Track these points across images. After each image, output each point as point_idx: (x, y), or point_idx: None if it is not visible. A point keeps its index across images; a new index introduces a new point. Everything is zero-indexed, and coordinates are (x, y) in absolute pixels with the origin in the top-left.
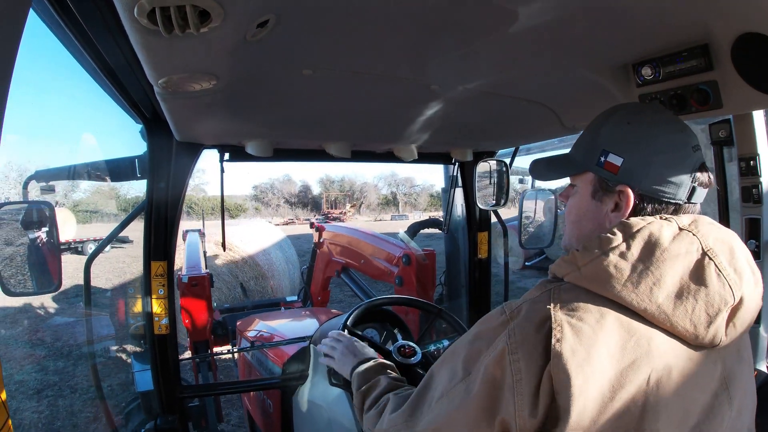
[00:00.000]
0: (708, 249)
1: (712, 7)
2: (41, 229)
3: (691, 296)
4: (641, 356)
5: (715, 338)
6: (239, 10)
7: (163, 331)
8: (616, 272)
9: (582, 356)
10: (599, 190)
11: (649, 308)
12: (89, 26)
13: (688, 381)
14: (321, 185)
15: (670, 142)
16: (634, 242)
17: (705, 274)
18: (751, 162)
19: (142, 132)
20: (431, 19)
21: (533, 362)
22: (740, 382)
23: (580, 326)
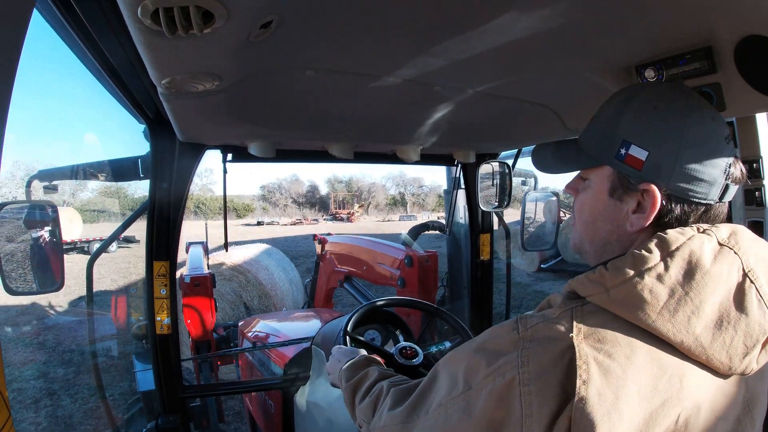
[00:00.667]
0: (749, 270)
1: (716, 9)
2: (44, 228)
3: (731, 327)
4: (672, 396)
5: (747, 369)
6: (242, 11)
7: (165, 331)
8: (652, 298)
9: (610, 401)
10: (619, 187)
11: (686, 341)
12: (93, 26)
13: (715, 413)
14: (329, 185)
15: (702, 133)
16: (674, 262)
17: (746, 301)
18: (754, 165)
19: (145, 132)
20: (435, 20)
21: (549, 399)
22: (761, 402)
23: (608, 364)
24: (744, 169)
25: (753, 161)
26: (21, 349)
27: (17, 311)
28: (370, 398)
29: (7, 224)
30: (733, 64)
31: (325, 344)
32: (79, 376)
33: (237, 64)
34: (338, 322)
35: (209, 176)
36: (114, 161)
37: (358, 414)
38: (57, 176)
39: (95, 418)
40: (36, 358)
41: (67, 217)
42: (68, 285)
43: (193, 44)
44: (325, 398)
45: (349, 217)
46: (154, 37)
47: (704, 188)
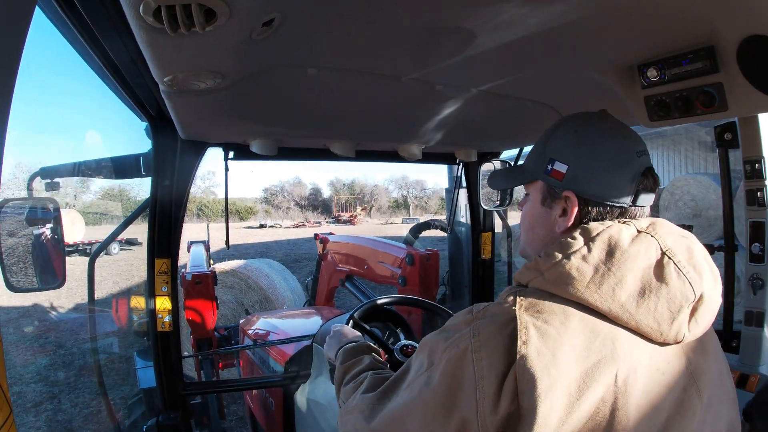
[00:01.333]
0: (666, 249)
1: (718, 9)
2: (46, 225)
3: (653, 294)
4: (606, 356)
5: (678, 334)
6: (245, 9)
7: (166, 328)
8: (579, 275)
9: (548, 358)
10: (548, 196)
11: (612, 308)
12: (95, 24)
13: (656, 378)
14: (331, 188)
15: (612, 149)
16: (595, 245)
17: (665, 273)
18: (756, 165)
19: (147, 130)
20: (437, 18)
21: (496, 362)
22: (708, 375)
23: (545, 328)
24: (657, 179)
25: (755, 161)
26: (22, 348)
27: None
28: (354, 384)
29: (8, 221)
30: (736, 63)
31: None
32: (80, 372)
33: (239, 61)
34: (340, 320)
35: (212, 178)
36: (116, 158)
37: (342, 395)
38: (59, 173)
39: (96, 415)
40: (37, 356)
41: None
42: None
43: (195, 42)
44: (325, 396)
45: (352, 220)
46: (156, 34)
47: (615, 193)
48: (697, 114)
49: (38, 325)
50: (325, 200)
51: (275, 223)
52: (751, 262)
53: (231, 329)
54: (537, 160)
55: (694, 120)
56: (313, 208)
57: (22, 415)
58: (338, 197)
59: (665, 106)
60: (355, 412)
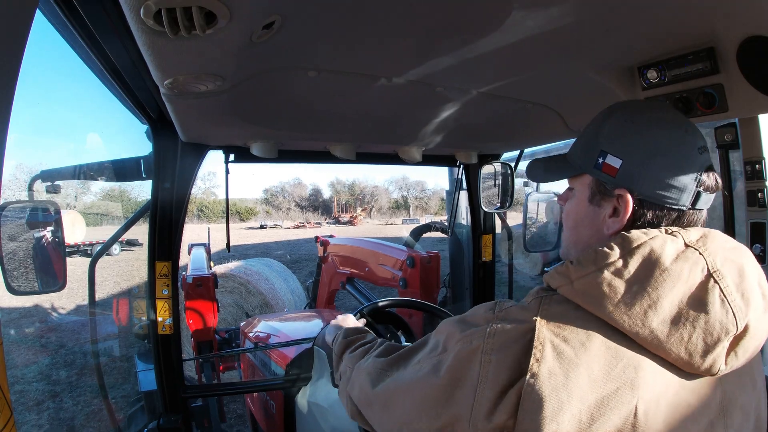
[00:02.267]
0: (714, 270)
1: (718, 10)
2: (46, 228)
3: (689, 323)
4: (626, 384)
5: (712, 367)
6: (245, 12)
7: (167, 331)
8: (610, 291)
9: (559, 380)
10: (597, 194)
11: (641, 332)
12: (95, 27)
13: (681, 411)
14: (331, 189)
15: (672, 143)
16: (632, 259)
17: (707, 299)
18: (757, 166)
19: (148, 133)
20: (437, 21)
21: (504, 370)
22: (739, 408)
23: (562, 347)
24: (719, 179)
25: (756, 162)
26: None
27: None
28: (363, 349)
29: (9, 224)
30: (736, 65)
31: (327, 345)
32: (81, 376)
33: (239, 64)
34: None
35: (212, 179)
36: (116, 161)
37: (344, 362)
38: (59, 176)
39: (97, 418)
40: (38, 358)
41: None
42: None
43: (196, 45)
44: (326, 399)
45: (352, 221)
46: (156, 37)
47: (675, 194)
48: (698, 115)
49: (39, 326)
50: (326, 201)
51: (275, 224)
52: None
53: (232, 332)
54: (586, 151)
55: (695, 121)
56: (314, 209)
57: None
58: (338, 198)
59: None
60: (364, 374)
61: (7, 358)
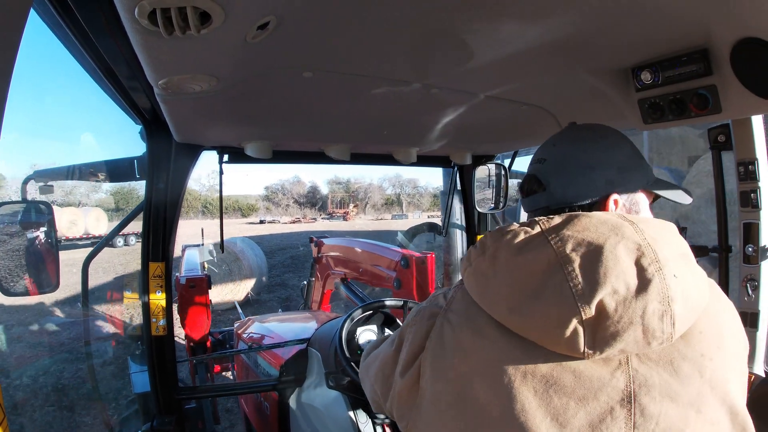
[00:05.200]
0: (563, 256)
1: (712, 11)
2: (39, 229)
3: (541, 301)
4: (497, 359)
5: (578, 349)
6: (240, 12)
7: (160, 333)
8: (475, 281)
9: (438, 352)
10: None
11: (499, 315)
12: (89, 27)
13: (552, 388)
14: (328, 186)
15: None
16: (488, 251)
17: (551, 283)
18: (750, 167)
19: (142, 133)
20: (432, 22)
21: (417, 341)
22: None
23: (448, 326)
24: (534, 183)
25: (748, 163)
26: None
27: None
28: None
29: (2, 225)
30: (729, 66)
31: (321, 346)
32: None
33: (234, 65)
34: (334, 324)
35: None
36: (110, 162)
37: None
38: (53, 176)
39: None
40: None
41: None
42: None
43: (190, 45)
44: (320, 400)
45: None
46: (150, 37)
47: None
48: (691, 116)
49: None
50: (323, 198)
51: (274, 219)
52: (745, 263)
53: (225, 333)
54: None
55: (688, 122)
56: (311, 205)
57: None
58: (333, 195)
59: (659, 109)
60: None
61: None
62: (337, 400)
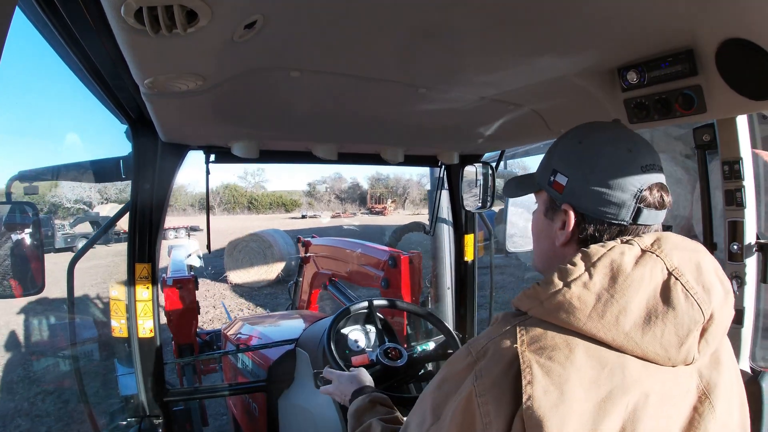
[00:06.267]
0: (673, 269)
1: (697, 12)
2: (24, 230)
3: (660, 320)
4: (617, 387)
5: (687, 357)
6: (227, 11)
7: (147, 334)
8: (580, 304)
9: (555, 396)
10: (549, 209)
11: (617, 338)
12: (75, 25)
13: (665, 402)
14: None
15: (613, 162)
16: (596, 271)
17: (672, 296)
18: (735, 166)
19: (127, 132)
20: (419, 21)
21: (503, 405)
22: (721, 388)
23: (549, 366)
24: (665, 196)
25: (733, 162)
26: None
27: None
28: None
29: None
30: (714, 66)
31: (309, 346)
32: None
33: (221, 64)
34: (322, 324)
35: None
36: (95, 162)
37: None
38: (38, 177)
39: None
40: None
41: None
42: None
43: (177, 44)
44: (309, 400)
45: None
46: (137, 36)
47: (613, 209)
48: (677, 116)
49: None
50: (363, 193)
51: (315, 214)
52: (730, 260)
53: (213, 334)
54: (544, 169)
55: (674, 122)
56: (352, 201)
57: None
58: (373, 191)
59: (645, 109)
60: None
61: None
62: (326, 400)
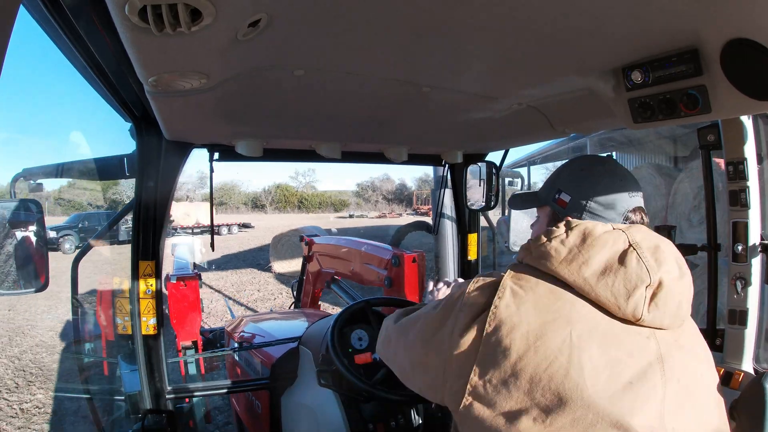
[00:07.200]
0: (633, 242)
1: (702, 12)
2: (28, 227)
3: (612, 274)
4: (563, 316)
5: (635, 311)
6: (231, 9)
7: (150, 332)
8: (555, 253)
9: (513, 309)
10: (552, 220)
11: (576, 281)
12: (79, 23)
13: (613, 344)
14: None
15: (608, 189)
16: (572, 232)
17: (626, 259)
18: (739, 166)
19: (132, 130)
20: (424, 20)
21: (477, 304)
22: (679, 369)
23: (517, 290)
24: (644, 217)
25: (738, 162)
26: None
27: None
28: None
29: None
30: (719, 66)
31: (312, 344)
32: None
33: (225, 62)
34: (325, 322)
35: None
36: (100, 159)
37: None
38: (42, 174)
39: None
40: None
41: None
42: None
43: (181, 42)
44: (312, 399)
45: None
46: (141, 34)
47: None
48: (681, 116)
49: None
50: (410, 194)
51: (362, 214)
52: (734, 261)
53: (217, 331)
54: (549, 189)
55: (678, 122)
56: (399, 201)
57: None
58: (419, 192)
59: (649, 108)
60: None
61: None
62: (329, 398)
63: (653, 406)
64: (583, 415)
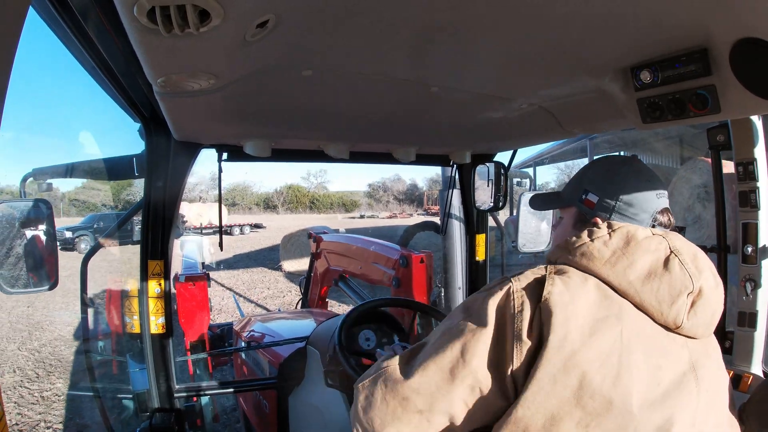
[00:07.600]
0: (674, 248)
1: (711, 12)
2: (38, 226)
3: (657, 278)
4: (614, 314)
5: (677, 318)
6: (239, 10)
7: (159, 330)
8: (599, 254)
9: (567, 298)
10: (579, 221)
11: (622, 283)
12: (89, 25)
13: (655, 350)
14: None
15: (635, 189)
16: (615, 234)
17: (670, 265)
18: (749, 167)
19: (141, 131)
20: (432, 21)
21: (530, 302)
22: (708, 376)
23: (567, 280)
24: (671, 218)
25: (747, 163)
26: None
27: None
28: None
29: (1, 222)
30: (728, 66)
31: (320, 344)
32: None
33: (233, 63)
34: (332, 323)
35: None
36: (109, 159)
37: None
38: (52, 174)
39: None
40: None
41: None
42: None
43: (189, 43)
44: (319, 398)
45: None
46: (150, 35)
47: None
48: (690, 116)
49: None
50: (421, 195)
51: (373, 214)
52: (744, 263)
53: (224, 328)
54: (574, 189)
55: (687, 122)
56: (410, 202)
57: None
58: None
59: (658, 108)
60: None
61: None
62: (336, 398)
63: (689, 414)
64: (626, 422)
